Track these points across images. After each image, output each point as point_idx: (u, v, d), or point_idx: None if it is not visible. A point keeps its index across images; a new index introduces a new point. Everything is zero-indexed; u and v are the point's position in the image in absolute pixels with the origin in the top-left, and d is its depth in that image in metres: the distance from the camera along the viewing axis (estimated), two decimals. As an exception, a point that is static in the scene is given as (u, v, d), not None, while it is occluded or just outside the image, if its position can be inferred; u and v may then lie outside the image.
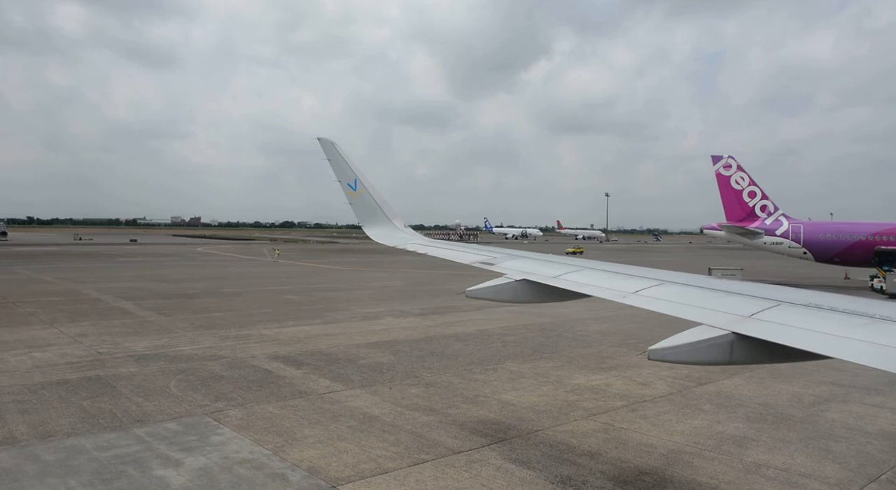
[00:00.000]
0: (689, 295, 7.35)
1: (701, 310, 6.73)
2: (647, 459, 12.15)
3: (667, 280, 8.12)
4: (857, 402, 16.59)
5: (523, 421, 14.51)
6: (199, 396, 16.07)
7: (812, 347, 5.32)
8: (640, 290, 7.83)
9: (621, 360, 21.38)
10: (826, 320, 5.80)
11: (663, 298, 7.43)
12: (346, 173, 14.61)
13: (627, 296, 7.74)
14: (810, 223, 54.33)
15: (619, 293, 7.93)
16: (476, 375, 18.89)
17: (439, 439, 13.12)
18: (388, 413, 14.92)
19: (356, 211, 14.80)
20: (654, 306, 7.26)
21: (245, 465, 11.48)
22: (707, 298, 7.08)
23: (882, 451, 12.79)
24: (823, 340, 5.38)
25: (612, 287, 8.31)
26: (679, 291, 7.59)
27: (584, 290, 8.54)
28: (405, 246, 13.73)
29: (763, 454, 12.53)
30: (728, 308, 6.57)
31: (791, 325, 5.80)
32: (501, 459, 12.00)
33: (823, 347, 5.26)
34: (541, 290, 9.28)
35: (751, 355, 5.91)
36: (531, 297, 9.45)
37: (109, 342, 23.03)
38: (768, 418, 14.95)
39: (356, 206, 14.74)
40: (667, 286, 7.87)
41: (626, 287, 8.06)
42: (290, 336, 25.00)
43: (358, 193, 14.72)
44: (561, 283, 8.99)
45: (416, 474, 11.23)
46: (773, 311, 6.20)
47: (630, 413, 15.28)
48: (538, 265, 10.14)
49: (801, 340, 5.47)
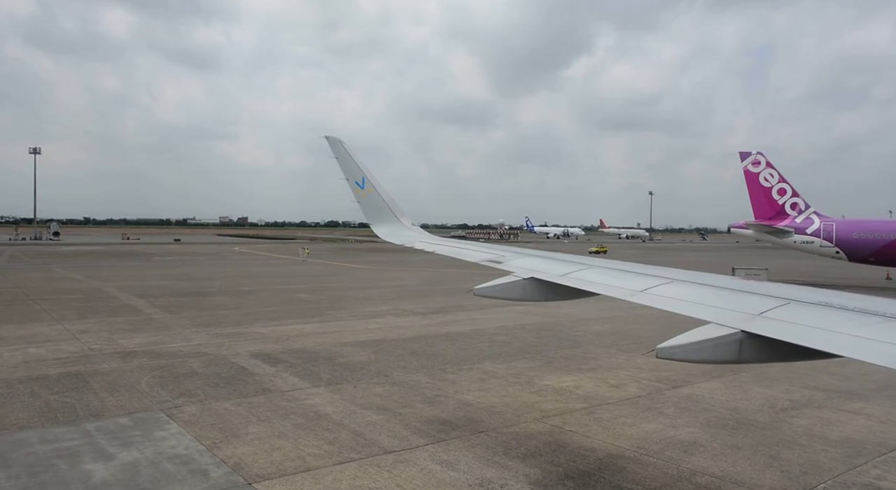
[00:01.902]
0: (697, 293, 7.29)
1: (710, 308, 6.66)
2: (579, 463, 11.87)
3: (676, 278, 8.03)
4: (833, 407, 15.88)
5: (473, 422, 14.35)
6: (164, 392, 16.40)
7: (821, 346, 5.26)
8: (648, 289, 7.77)
9: (604, 362, 20.95)
10: (836, 319, 5.73)
11: (671, 296, 7.38)
12: (353, 172, 14.70)
13: (635, 294, 7.68)
14: (843, 221, 52.21)
15: (627, 291, 7.86)
16: (447, 375, 18.78)
17: (377, 439, 13.08)
18: (340, 411, 14.95)
19: (364, 209, 14.88)
20: (661, 304, 7.20)
21: (174, 461, 11.66)
22: (716, 297, 7.02)
23: (833, 460, 12.20)
24: (832, 339, 5.32)
25: (620, 285, 8.23)
26: (688, 290, 7.52)
27: (592, 289, 8.46)
28: (412, 244, 13.73)
29: (706, 461, 12.09)
30: (737, 306, 6.50)
31: (800, 323, 5.75)
32: (429, 461, 11.89)
33: (832, 346, 5.20)
34: (549, 289, 9.20)
35: (760, 354, 5.87)
36: (539, 295, 9.36)
37: (106, 339, 23.72)
38: (729, 424, 14.43)
39: (364, 205, 14.82)
40: (676, 284, 7.80)
41: (635, 285, 7.98)
42: (282, 334, 25.31)
43: (366, 192, 14.81)
44: (569, 281, 8.89)
45: (336, 473, 11.22)
46: (783, 310, 6.14)
47: (586, 415, 14.95)
48: (547, 263, 10.02)
49: (810, 339, 5.41)
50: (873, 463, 12.07)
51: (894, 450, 12.82)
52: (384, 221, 14.85)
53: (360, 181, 14.77)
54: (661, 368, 20.06)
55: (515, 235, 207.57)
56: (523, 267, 9.94)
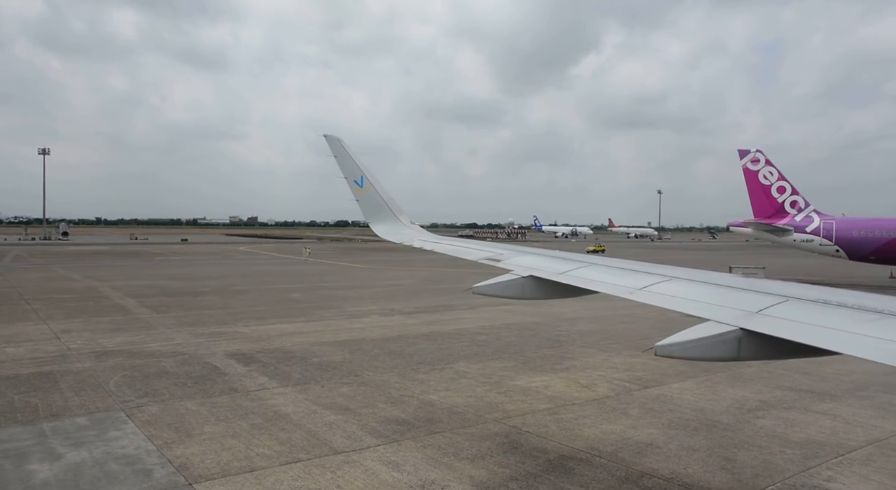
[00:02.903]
0: (697, 291, 7.30)
1: (709, 306, 6.67)
2: (528, 465, 11.74)
3: (675, 276, 8.00)
4: (801, 408, 15.65)
5: (431, 422, 14.25)
6: (130, 392, 16.42)
7: (818, 343, 5.31)
8: (647, 286, 7.72)
9: (580, 362, 20.79)
10: (834, 316, 5.78)
11: (671, 294, 7.37)
12: (352, 170, 14.67)
13: (635, 292, 7.65)
14: (843, 219, 51.62)
15: (626, 289, 7.83)
16: (418, 375, 18.69)
17: (330, 439, 13.01)
18: (300, 412, 14.90)
19: (362, 208, 14.85)
20: (661, 302, 7.19)
21: (120, 461, 11.64)
22: (715, 294, 7.04)
23: (789, 462, 12.01)
24: (830, 336, 5.37)
25: (619, 283, 8.19)
26: (687, 287, 7.51)
27: (591, 287, 8.42)
28: (411, 242, 13.70)
29: (658, 463, 11.93)
30: (736, 304, 6.52)
31: (799, 320, 5.80)
32: (376, 462, 11.81)
33: (829, 343, 5.25)
34: (548, 287, 9.15)
35: (758, 351, 5.91)
36: (538, 293, 9.31)
37: (87, 338, 23.82)
38: (691, 425, 14.25)
39: (362, 203, 14.79)
40: (675, 282, 7.76)
41: (634, 283, 7.95)
42: (264, 334, 25.32)
43: (364, 190, 14.78)
44: (568, 279, 8.85)
45: (279, 474, 11.16)
46: (782, 307, 6.17)
47: (548, 416, 14.81)
48: (546, 261, 9.97)
49: (808, 336, 5.45)
50: (828, 465, 11.87)
51: (853, 451, 12.61)
52: (383, 220, 14.82)
53: (358, 180, 14.74)
54: (636, 369, 19.89)
55: (523, 235, 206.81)
56: (522, 265, 9.90)
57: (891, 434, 13.71)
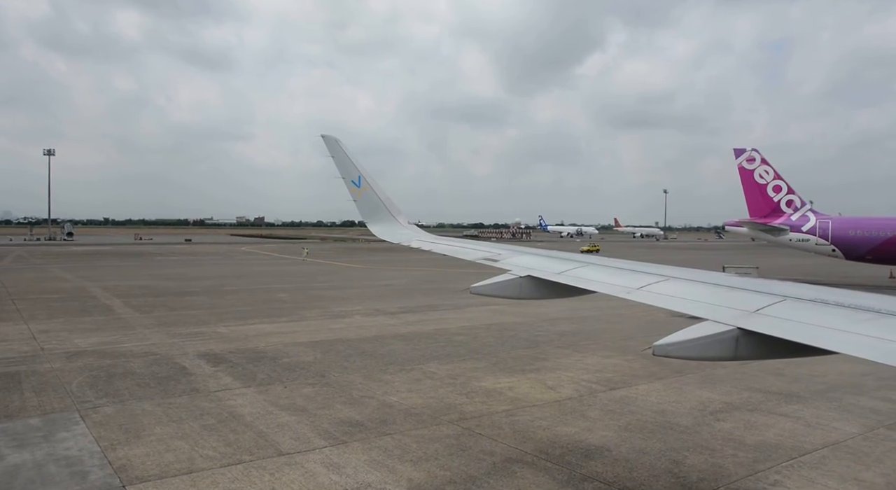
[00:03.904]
0: (694, 290, 7.29)
1: (706, 305, 6.66)
2: (470, 468, 11.59)
3: (672, 276, 7.97)
4: (765, 410, 15.42)
5: (384, 424, 14.12)
6: (91, 393, 16.37)
7: (815, 342, 5.34)
8: (644, 286, 7.69)
9: (552, 362, 20.61)
10: (830, 315, 5.81)
11: (668, 294, 7.35)
12: (349, 170, 14.63)
13: (632, 292, 7.62)
14: (840, 218, 51.14)
15: (623, 289, 7.80)
16: (385, 376, 18.56)
17: (278, 441, 12.90)
18: (255, 413, 14.80)
19: (360, 208, 14.81)
20: (657, 302, 7.17)
21: (60, 463, 11.57)
22: (712, 294, 7.03)
23: (738, 465, 11.81)
24: (826, 335, 5.40)
25: (616, 283, 8.17)
26: (684, 287, 7.50)
27: (588, 286, 8.39)
28: (409, 243, 13.64)
29: (603, 466, 11.76)
30: (733, 303, 6.52)
31: (796, 320, 5.82)
32: (318, 463, 11.69)
33: (826, 342, 5.28)
34: (545, 287, 9.11)
35: (756, 350, 5.93)
36: (536, 293, 9.27)
37: (63, 339, 23.82)
38: (648, 427, 14.06)
39: (360, 204, 14.75)
40: (672, 282, 7.73)
41: (631, 283, 7.92)
42: (241, 334, 25.26)
43: (362, 190, 14.74)
44: (565, 279, 8.82)
45: (217, 476, 11.05)
46: (779, 307, 6.18)
47: (505, 418, 14.65)
48: (544, 261, 9.93)
49: (805, 335, 5.48)
50: (777, 468, 11.66)
51: (806, 454, 12.39)
52: (380, 220, 14.77)
53: (356, 180, 14.69)
54: (608, 370, 19.70)
55: (528, 235, 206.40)
56: (520, 265, 9.85)
57: (849, 436, 13.48)
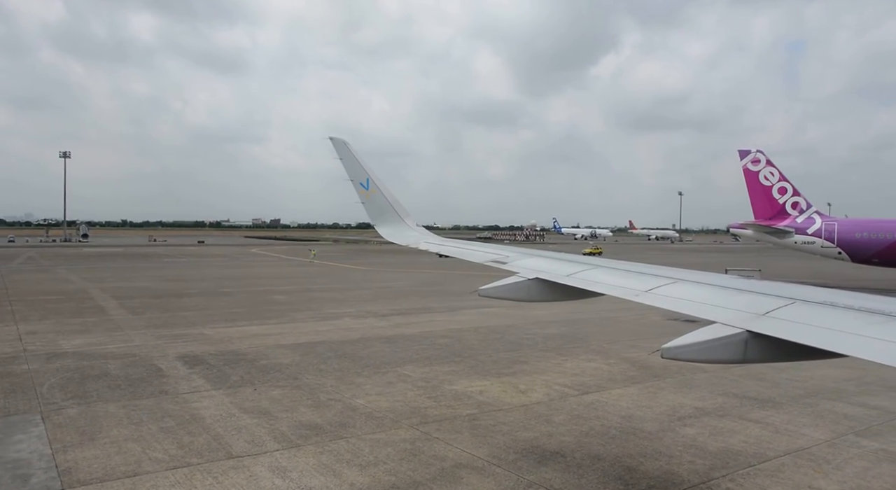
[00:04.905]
0: (703, 293, 7.20)
1: (715, 308, 6.58)
2: (418, 473, 11.41)
3: (680, 278, 7.90)
4: (736, 416, 15.09)
5: (343, 427, 13.99)
6: (60, 395, 16.41)
7: (825, 345, 5.25)
8: (653, 289, 7.61)
9: (530, 366, 20.37)
10: (841, 318, 5.70)
11: (676, 296, 7.29)
12: (358, 173, 14.63)
13: (640, 294, 7.55)
14: (846, 220, 50.27)
15: (632, 291, 7.72)
16: (358, 379, 18.43)
17: (232, 444, 12.81)
18: (218, 415, 14.74)
19: (368, 210, 14.81)
20: (666, 304, 7.11)
21: (7, 465, 11.55)
22: (721, 296, 6.95)
23: (693, 472, 11.52)
24: (837, 338, 5.32)
25: (625, 285, 8.10)
26: (693, 290, 7.42)
27: (597, 289, 8.33)
28: (417, 245, 13.62)
29: (554, 472, 11.53)
30: (742, 306, 6.43)
31: (805, 323, 5.73)
32: (265, 467, 11.58)
33: (837, 345, 5.19)
34: (554, 289, 9.05)
35: (765, 353, 5.86)
36: (544, 295, 9.21)
37: (48, 340, 23.98)
38: (610, 433, 13.80)
39: (368, 206, 14.75)
40: (681, 284, 7.65)
41: (640, 285, 7.83)
42: (225, 336, 25.27)
43: (370, 193, 14.73)
44: (574, 281, 8.74)
45: (159, 479, 10.97)
46: (788, 309, 6.09)
47: (467, 423, 14.46)
48: (552, 264, 9.84)
49: (815, 338, 5.39)
50: (732, 476, 11.36)
51: (766, 461, 12.08)
52: (388, 222, 14.76)
53: (364, 182, 14.66)
54: (585, 373, 19.44)
55: (542, 237, 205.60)
56: (529, 267, 9.75)
57: (814, 443, 13.13)
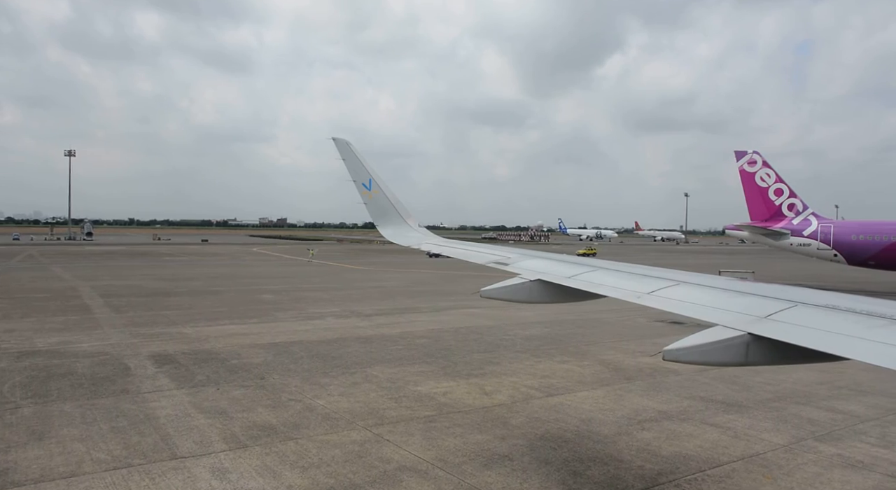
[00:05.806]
0: (705, 295, 7.21)
1: (717, 310, 6.61)
2: (358, 476, 11.24)
3: (682, 281, 7.89)
4: (698, 420, 14.85)
5: (296, 428, 13.84)
6: (20, 393, 16.33)
7: (828, 348, 5.25)
8: (655, 291, 7.62)
9: (502, 367, 20.17)
10: (843, 321, 5.71)
11: (678, 299, 7.29)
12: (360, 173, 14.62)
13: (642, 296, 7.56)
14: (842, 223, 49.85)
15: (634, 294, 7.72)
16: (324, 379, 18.28)
17: (178, 444, 12.67)
18: (172, 415, 14.61)
19: (370, 210, 14.82)
20: (668, 306, 7.12)
21: (-53, 464, 11.48)
22: (722, 299, 6.97)
23: (639, 478, 11.30)
24: (839, 341, 5.33)
25: (627, 287, 8.09)
26: (694, 292, 7.43)
27: (598, 291, 8.32)
28: (418, 245, 13.62)
29: (499, 476, 11.33)
30: (744, 309, 6.46)
31: (807, 326, 5.73)
32: (206, 469, 11.43)
33: (839, 348, 5.21)
34: (555, 291, 9.06)
35: (766, 356, 5.87)
36: (546, 297, 9.22)
37: (24, 338, 23.95)
38: (566, 436, 13.59)
39: (370, 206, 14.76)
40: (683, 287, 7.66)
41: (641, 287, 7.85)
42: (204, 334, 25.19)
43: (372, 193, 14.74)
44: (576, 283, 8.75)
45: (95, 481, 10.84)
46: (790, 312, 6.11)
47: (422, 425, 14.28)
48: (553, 265, 9.84)
49: (817, 341, 5.41)
50: (678, 482, 11.14)
51: (717, 467, 11.85)
52: (390, 222, 14.77)
53: (366, 183, 14.66)
54: (556, 375, 19.24)
55: (546, 237, 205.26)
56: (530, 269, 9.75)
57: (771, 448, 12.89)
